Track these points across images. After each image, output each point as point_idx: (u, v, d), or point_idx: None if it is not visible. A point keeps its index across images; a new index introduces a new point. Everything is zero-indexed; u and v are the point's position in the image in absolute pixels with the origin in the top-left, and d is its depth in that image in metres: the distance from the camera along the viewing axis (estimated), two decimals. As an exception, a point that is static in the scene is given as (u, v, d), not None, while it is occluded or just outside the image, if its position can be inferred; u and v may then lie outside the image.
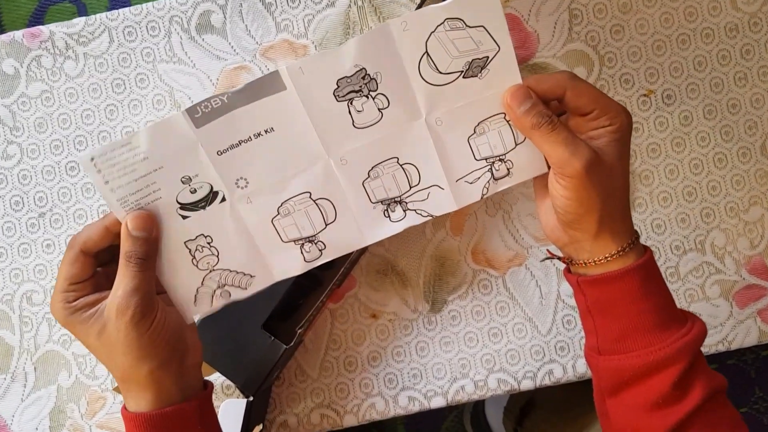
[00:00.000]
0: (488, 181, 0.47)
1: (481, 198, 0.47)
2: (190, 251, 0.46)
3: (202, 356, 0.52)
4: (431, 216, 0.47)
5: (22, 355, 0.63)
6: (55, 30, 0.63)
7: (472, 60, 0.44)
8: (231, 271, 0.47)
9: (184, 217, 0.45)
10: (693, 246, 0.61)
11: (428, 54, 0.44)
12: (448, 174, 0.47)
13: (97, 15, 0.63)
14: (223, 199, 0.45)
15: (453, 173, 0.47)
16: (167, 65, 0.63)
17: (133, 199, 0.44)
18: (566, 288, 0.62)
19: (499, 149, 0.46)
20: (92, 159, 0.42)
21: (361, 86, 0.44)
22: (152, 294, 0.44)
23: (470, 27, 0.43)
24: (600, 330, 0.45)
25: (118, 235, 0.43)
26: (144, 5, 0.63)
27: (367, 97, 0.44)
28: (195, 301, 0.47)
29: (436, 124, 0.45)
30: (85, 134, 0.63)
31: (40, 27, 0.64)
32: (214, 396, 0.61)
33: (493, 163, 0.46)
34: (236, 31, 0.63)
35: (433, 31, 0.43)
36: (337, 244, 0.48)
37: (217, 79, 0.63)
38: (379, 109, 0.45)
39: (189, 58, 0.63)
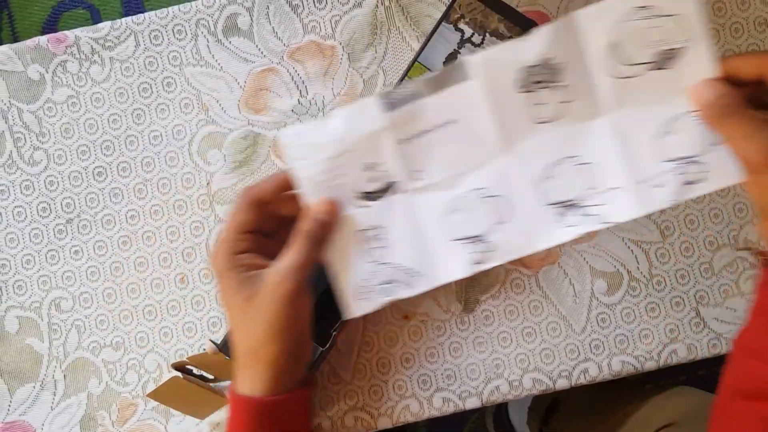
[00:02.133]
0: (679, 186, 0.42)
1: (670, 204, 0.43)
2: (362, 241, 0.45)
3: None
4: (610, 223, 0.44)
5: (51, 363, 0.63)
6: (81, 35, 0.63)
7: (662, 51, 0.41)
8: (400, 267, 0.45)
9: (361, 207, 0.45)
10: (726, 241, 0.61)
11: (614, 45, 0.41)
12: (632, 176, 0.43)
13: (123, 19, 0.63)
14: (399, 191, 0.45)
15: (637, 175, 0.43)
16: (194, 68, 0.63)
17: (320, 179, 0.44)
18: (600, 285, 0.61)
19: (692, 150, 0.42)
20: (292, 135, 0.44)
21: (544, 78, 0.42)
22: (310, 278, 0.44)
23: (661, 16, 0.40)
24: None
25: (287, 197, 0.45)
26: (170, 9, 0.62)
27: (550, 90, 0.42)
28: (361, 294, 0.46)
29: (619, 121, 0.42)
30: (112, 139, 0.63)
31: (65, 32, 0.63)
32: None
33: (685, 165, 0.42)
34: (263, 33, 0.62)
35: (620, 21, 0.41)
36: (507, 246, 0.45)
37: (245, 82, 0.62)
38: (560, 102, 0.43)
39: (216, 60, 0.63)
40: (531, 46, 0.42)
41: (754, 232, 0.61)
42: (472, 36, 0.55)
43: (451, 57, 0.55)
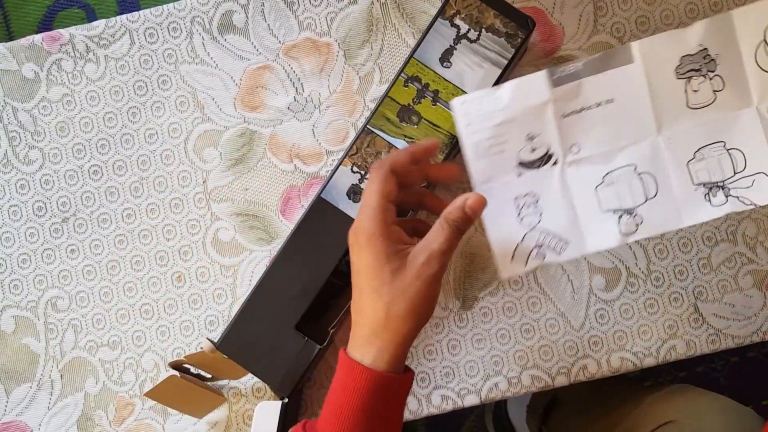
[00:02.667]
0: None
1: None
2: (517, 207, 0.49)
3: (241, 358, 0.52)
4: (755, 205, 0.48)
5: (47, 363, 0.62)
6: (75, 33, 0.62)
7: None
8: (550, 233, 0.49)
9: (519, 174, 0.48)
10: (725, 236, 0.61)
11: (765, 41, 0.46)
12: None
13: (118, 17, 0.63)
14: (555, 162, 0.48)
15: None
16: (189, 66, 0.62)
17: (484, 145, 0.48)
18: (598, 282, 0.61)
19: None
20: (463, 102, 0.47)
21: (701, 65, 0.47)
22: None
23: None
24: None
25: (421, 165, 0.47)
26: (165, 6, 0.62)
27: (705, 77, 0.47)
28: (513, 256, 0.49)
29: (767, 111, 0.47)
30: (108, 137, 0.63)
31: (60, 30, 0.63)
32: (244, 399, 0.61)
33: None
34: (258, 30, 0.62)
35: None
36: (654, 221, 0.48)
37: (241, 79, 0.62)
38: (714, 91, 0.47)
39: (211, 58, 0.62)
40: (691, 36, 0.47)
41: (753, 227, 0.61)
42: (468, 32, 0.55)
43: (447, 53, 0.55)
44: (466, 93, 0.53)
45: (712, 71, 0.47)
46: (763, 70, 0.47)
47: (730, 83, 0.47)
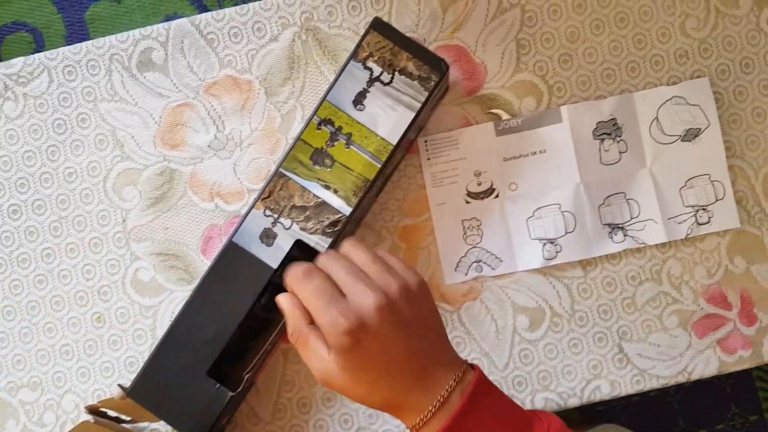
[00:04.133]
0: (692, 225, 0.59)
1: (686, 237, 0.60)
2: (463, 227, 0.60)
3: (152, 404, 0.54)
4: (645, 244, 0.60)
5: (-35, 406, 0.61)
6: (-6, 70, 0.62)
7: (689, 129, 0.59)
8: (488, 252, 0.60)
9: (467, 202, 0.60)
10: (649, 276, 0.60)
11: (658, 119, 0.59)
12: (662, 213, 0.59)
13: (36, 55, 0.62)
14: (497, 196, 0.60)
15: (665, 212, 0.59)
16: (109, 104, 0.62)
17: (441, 175, 0.60)
18: (522, 321, 0.60)
19: (703, 201, 0.59)
20: (425, 141, 0.60)
21: (611, 131, 0.60)
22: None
23: (690, 104, 0.59)
24: None
25: None
26: (83, 44, 0.61)
27: (614, 141, 0.59)
28: (456, 267, 0.60)
29: (656, 173, 0.59)
30: (27, 176, 0.62)
31: (-22, 67, 0.62)
32: (161, 444, 0.60)
33: (698, 211, 0.59)
34: (178, 67, 0.61)
35: (663, 103, 0.59)
36: (571, 250, 0.60)
37: (160, 117, 0.61)
38: (620, 152, 0.60)
39: (131, 96, 0.61)
40: (605, 107, 0.59)
41: (678, 267, 0.60)
42: (381, 75, 0.54)
43: (360, 96, 0.54)
44: (379, 136, 0.54)
45: (620, 137, 0.60)
46: (654, 140, 0.60)
47: (632, 147, 0.60)
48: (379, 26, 0.54)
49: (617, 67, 0.61)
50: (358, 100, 0.54)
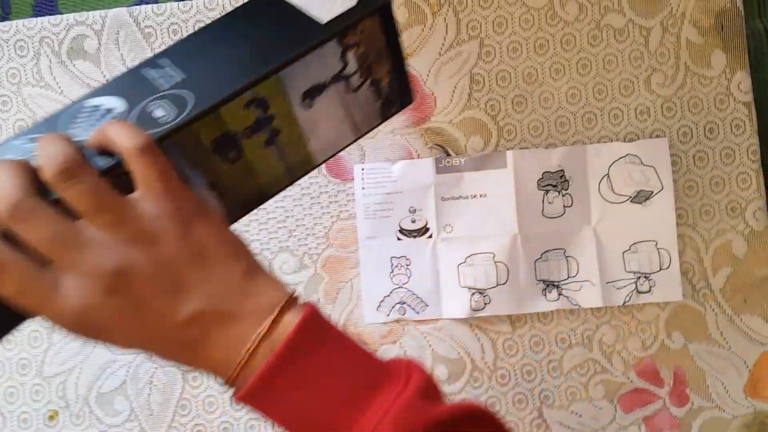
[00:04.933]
0: (632, 292, 0.56)
1: (623, 304, 0.56)
2: (392, 265, 0.57)
3: None
4: (579, 306, 0.56)
5: None
6: None
7: (640, 190, 0.55)
8: (414, 294, 0.57)
9: (399, 239, 0.57)
10: (580, 340, 0.57)
11: (609, 176, 0.56)
12: (601, 275, 0.56)
13: (-38, 27, 0.58)
14: (430, 236, 0.56)
15: (605, 276, 0.56)
16: (33, 89, 0.58)
17: (373, 209, 0.57)
18: (441, 372, 0.57)
19: (646, 268, 0.56)
20: (362, 169, 0.56)
21: (557, 183, 0.56)
22: None
23: (645, 165, 0.55)
24: None
25: None
26: (13, 22, 0.58)
27: (559, 193, 0.56)
28: (379, 306, 0.57)
29: (601, 233, 0.56)
30: (-62, 154, 0.58)
31: None
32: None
33: (639, 278, 0.56)
34: (110, 59, 0.58)
35: (616, 160, 0.56)
36: (500, 304, 0.56)
37: (86, 110, 0.58)
38: (564, 206, 0.56)
39: (57, 83, 0.58)
40: (554, 157, 0.56)
41: (611, 335, 0.57)
42: (352, 75, 0.41)
43: (316, 90, 0.39)
44: (307, 149, 0.42)
45: (566, 190, 0.56)
46: (602, 198, 0.56)
47: (577, 203, 0.56)
48: (385, 13, 0.40)
49: (573, 116, 0.57)
50: (311, 94, 0.39)
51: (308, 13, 0.38)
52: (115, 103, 0.35)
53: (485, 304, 0.56)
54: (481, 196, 0.56)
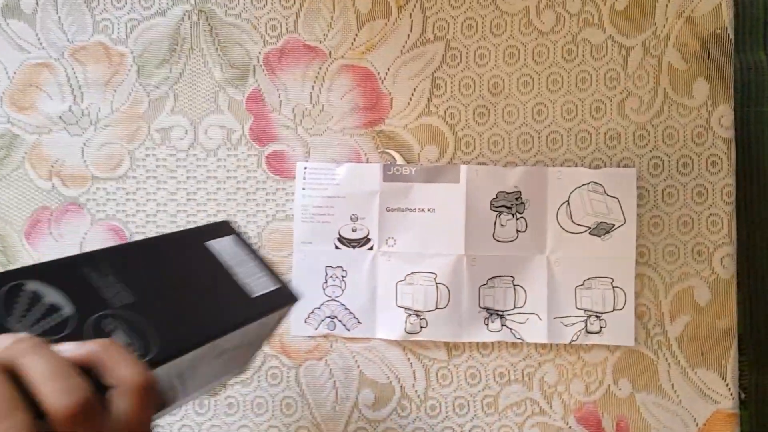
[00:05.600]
0: (580, 331, 0.51)
1: (570, 342, 0.51)
2: (326, 275, 0.52)
3: None
4: (522, 340, 0.51)
5: None
6: None
7: (600, 222, 0.51)
8: (346, 309, 0.52)
9: (337, 247, 0.52)
10: (520, 377, 0.52)
11: (569, 203, 0.51)
12: (550, 309, 0.51)
13: None
14: (371, 248, 0.52)
15: (554, 310, 0.51)
16: (-41, 44, 0.53)
17: (312, 212, 0.52)
18: (367, 396, 0.52)
19: (599, 307, 0.51)
20: (305, 168, 0.52)
21: (512, 204, 0.51)
22: None
23: (608, 195, 0.51)
24: None
25: None
26: (-55, -30, 0.53)
27: (513, 216, 0.51)
28: (307, 318, 0.52)
29: (554, 263, 0.51)
30: None
31: None
32: None
33: (590, 316, 0.51)
34: (47, 22, 0.53)
35: (578, 187, 0.51)
36: (438, 329, 0.51)
37: (15, 74, 0.53)
38: (517, 230, 0.51)
39: (-15, 41, 0.53)
40: (510, 176, 0.51)
41: (554, 374, 0.52)
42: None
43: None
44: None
45: (521, 213, 0.52)
46: (560, 226, 0.51)
47: (532, 228, 0.52)
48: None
49: (537, 134, 0.52)
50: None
51: (235, 274, 0.37)
52: (58, 299, 0.30)
53: (422, 327, 0.52)
54: (429, 210, 0.52)
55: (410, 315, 0.52)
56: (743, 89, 0.84)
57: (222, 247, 0.38)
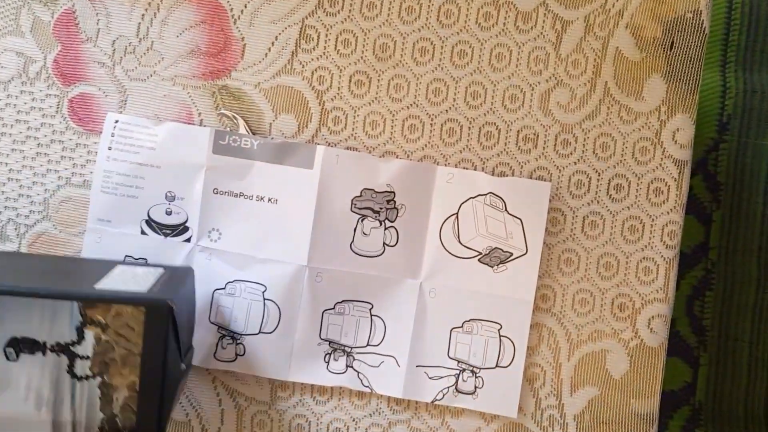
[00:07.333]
0: (448, 388, 0.39)
1: (432, 402, 0.39)
2: (122, 265, 0.36)
3: None
4: (371, 389, 0.39)
5: None
6: None
7: (495, 248, 0.39)
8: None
9: (143, 232, 0.40)
10: (362, 438, 0.39)
11: (457, 217, 0.39)
12: (413, 353, 0.39)
13: None
14: (188, 239, 0.39)
15: (418, 356, 0.39)
16: None
17: (116, 180, 0.39)
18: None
19: (477, 360, 0.39)
20: (117, 120, 0.39)
21: (381, 209, 0.39)
22: None
23: (510, 214, 0.39)
24: None
25: None
26: None
27: (381, 224, 0.39)
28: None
29: (428, 294, 0.39)
30: None
31: None
32: None
33: (464, 370, 0.39)
34: None
35: (473, 197, 0.39)
36: (258, 359, 0.39)
37: None
38: (384, 243, 0.39)
39: None
40: (383, 170, 0.39)
41: (407, 439, 0.39)
42: (80, 358, 0.31)
43: (28, 344, 0.32)
44: None
45: (391, 221, 0.39)
46: (442, 245, 0.39)
47: (405, 243, 0.39)
48: (157, 316, 0.32)
49: (429, 119, 0.39)
50: (21, 345, 0.32)
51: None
52: None
53: (237, 354, 0.39)
54: (270, 200, 0.39)
55: (225, 336, 0.39)
56: (743, 115, 0.71)
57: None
